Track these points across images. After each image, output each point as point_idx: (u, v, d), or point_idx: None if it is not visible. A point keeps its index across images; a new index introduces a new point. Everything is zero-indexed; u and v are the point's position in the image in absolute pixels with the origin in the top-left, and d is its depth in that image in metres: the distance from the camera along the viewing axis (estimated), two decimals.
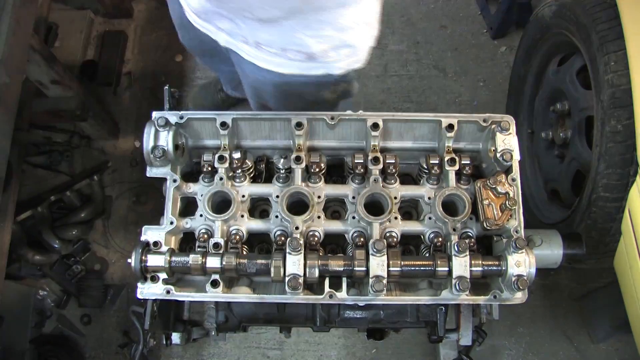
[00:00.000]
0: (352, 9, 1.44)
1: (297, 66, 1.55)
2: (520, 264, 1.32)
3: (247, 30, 1.51)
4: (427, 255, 1.46)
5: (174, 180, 1.46)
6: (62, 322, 2.75)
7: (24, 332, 2.46)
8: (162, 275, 1.38)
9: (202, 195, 1.47)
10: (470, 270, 1.34)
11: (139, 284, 1.38)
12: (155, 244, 1.39)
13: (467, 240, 1.40)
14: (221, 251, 1.39)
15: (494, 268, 1.36)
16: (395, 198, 1.47)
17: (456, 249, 1.34)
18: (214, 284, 1.37)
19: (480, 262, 1.35)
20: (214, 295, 1.38)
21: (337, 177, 1.62)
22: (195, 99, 3.03)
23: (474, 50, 3.31)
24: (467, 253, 1.34)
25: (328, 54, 1.51)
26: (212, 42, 1.94)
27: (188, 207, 1.53)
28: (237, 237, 1.44)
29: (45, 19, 2.51)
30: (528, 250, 1.34)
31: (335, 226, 1.47)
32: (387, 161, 1.48)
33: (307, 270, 1.34)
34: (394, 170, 1.48)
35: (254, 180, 1.55)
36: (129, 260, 1.35)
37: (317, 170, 1.47)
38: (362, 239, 1.43)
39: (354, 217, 1.46)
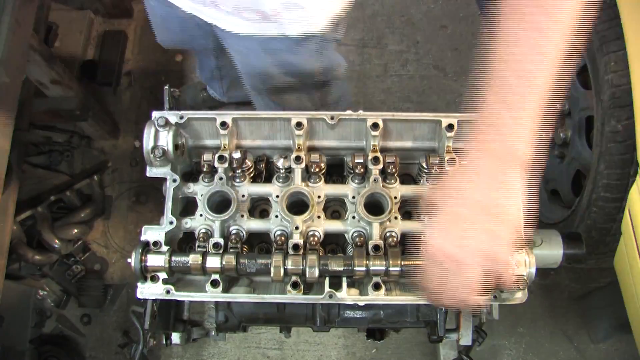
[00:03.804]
0: None
1: (253, 26, 1.55)
2: (520, 263, 1.32)
3: None
4: None
5: (174, 180, 1.46)
6: (62, 322, 2.75)
7: (24, 332, 2.46)
8: (162, 275, 1.38)
9: (202, 195, 1.47)
10: None
11: (138, 284, 1.38)
12: (155, 243, 1.39)
13: None
14: (221, 251, 1.39)
15: None
16: (395, 198, 1.47)
17: None
18: (214, 283, 1.36)
19: None
20: (214, 295, 1.38)
21: (337, 177, 1.62)
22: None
23: (474, 50, 3.31)
24: None
25: (280, 14, 1.50)
26: (188, 34, 1.96)
27: (188, 207, 1.53)
28: (237, 237, 1.44)
29: (45, 19, 2.51)
30: (528, 250, 1.34)
31: (335, 226, 1.47)
32: (387, 161, 1.47)
33: (307, 270, 1.33)
34: (394, 170, 1.48)
35: (254, 180, 1.55)
36: (129, 260, 1.35)
37: (317, 170, 1.47)
38: (362, 239, 1.43)
39: (354, 217, 1.46)
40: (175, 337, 1.69)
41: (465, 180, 1.07)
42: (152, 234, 1.41)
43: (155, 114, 1.45)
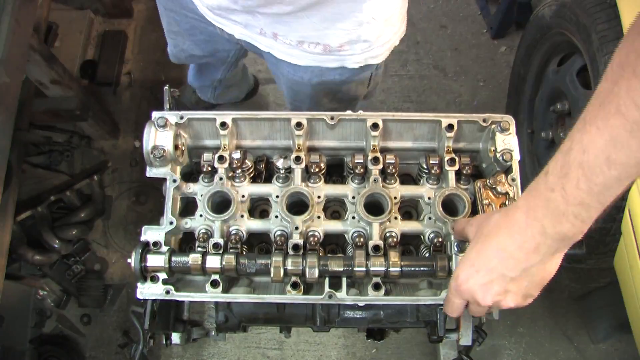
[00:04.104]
0: (370, 4, 1.44)
1: (313, 58, 1.57)
2: None
3: (264, 22, 1.53)
4: (427, 255, 1.46)
5: (174, 180, 1.46)
6: (62, 322, 2.75)
7: (24, 332, 2.46)
8: (162, 276, 1.38)
9: (201, 195, 1.46)
10: None
11: (138, 284, 1.38)
12: (155, 244, 1.39)
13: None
14: (221, 251, 1.39)
15: None
16: (395, 198, 1.47)
17: (456, 249, 1.34)
18: (214, 284, 1.36)
19: None
20: (214, 295, 1.38)
21: (337, 177, 1.62)
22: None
23: (474, 50, 3.32)
24: None
25: (344, 48, 1.52)
26: (213, 47, 1.92)
27: (188, 207, 1.53)
28: (237, 237, 1.44)
29: (45, 19, 2.51)
30: None
31: (335, 226, 1.47)
32: (387, 161, 1.47)
33: (307, 270, 1.33)
34: (393, 170, 1.48)
35: (254, 180, 1.55)
36: (129, 260, 1.35)
37: (317, 170, 1.47)
38: (362, 239, 1.43)
39: (353, 217, 1.46)
40: (175, 337, 1.69)
41: (510, 239, 1.03)
42: (152, 234, 1.41)
43: (155, 114, 1.45)
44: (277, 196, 1.47)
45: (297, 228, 1.41)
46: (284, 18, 1.48)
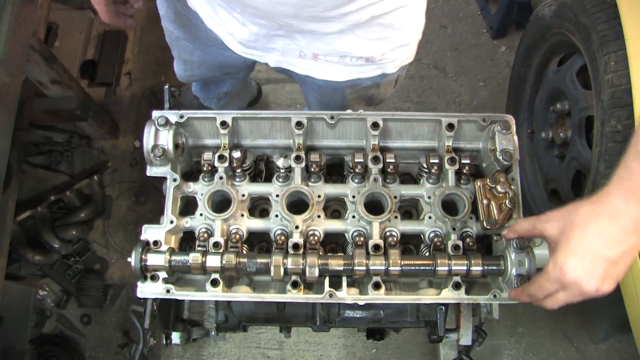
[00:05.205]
0: (411, 9, 1.43)
1: (355, 71, 1.54)
2: (521, 263, 1.32)
3: (304, 43, 1.48)
4: (427, 254, 1.46)
5: (174, 180, 1.46)
6: (62, 322, 2.75)
7: (24, 332, 2.46)
8: (162, 275, 1.38)
9: (202, 195, 1.47)
10: (470, 270, 1.34)
11: (138, 283, 1.38)
12: (155, 243, 1.39)
13: (467, 240, 1.41)
14: (221, 250, 1.39)
15: (494, 268, 1.36)
16: (395, 197, 1.47)
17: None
18: (214, 283, 1.36)
19: (480, 261, 1.35)
20: (214, 294, 1.38)
21: (337, 176, 1.62)
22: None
23: (474, 50, 3.32)
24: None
25: (386, 56, 1.51)
26: (226, 68, 1.91)
27: (188, 206, 1.53)
28: (237, 236, 1.44)
29: (45, 19, 2.51)
30: (528, 249, 1.34)
31: (335, 225, 1.47)
32: (387, 160, 1.48)
33: (307, 269, 1.33)
34: (393, 169, 1.48)
35: (254, 179, 1.55)
36: (129, 260, 1.35)
37: (317, 169, 1.47)
38: (362, 238, 1.43)
39: (354, 217, 1.46)
40: (175, 337, 1.70)
41: (611, 223, 1.05)
42: (152, 233, 1.41)
43: (155, 113, 1.45)
44: (277, 195, 1.47)
45: (297, 227, 1.41)
46: (326, 37, 1.43)
